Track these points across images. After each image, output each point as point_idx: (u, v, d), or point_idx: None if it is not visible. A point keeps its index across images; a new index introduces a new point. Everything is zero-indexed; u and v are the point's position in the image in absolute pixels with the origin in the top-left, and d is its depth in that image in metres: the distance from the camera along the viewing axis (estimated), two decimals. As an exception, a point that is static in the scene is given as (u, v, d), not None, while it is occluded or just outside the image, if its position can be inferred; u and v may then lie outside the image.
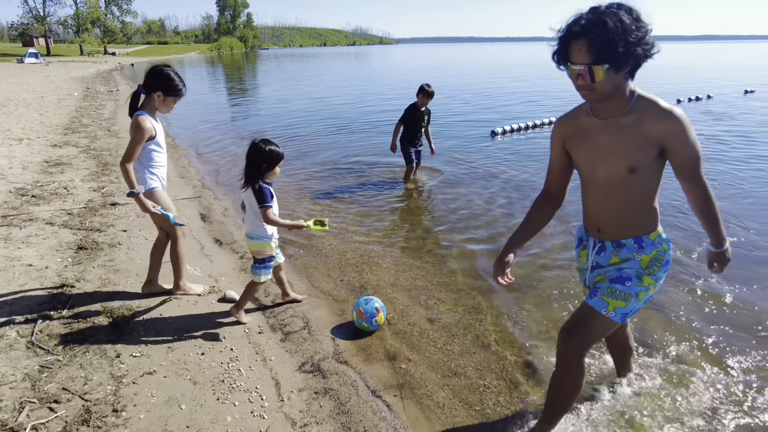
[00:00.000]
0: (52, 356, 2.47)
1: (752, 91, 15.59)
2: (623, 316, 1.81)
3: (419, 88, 5.76)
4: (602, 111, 1.73)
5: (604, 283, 1.86)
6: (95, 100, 14.33)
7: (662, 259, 1.83)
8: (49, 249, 3.74)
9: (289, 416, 2.20)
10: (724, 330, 2.93)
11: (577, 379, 1.91)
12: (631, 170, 1.71)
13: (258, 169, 2.68)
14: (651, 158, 1.68)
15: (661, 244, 1.84)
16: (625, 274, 1.83)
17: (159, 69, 2.79)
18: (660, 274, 1.84)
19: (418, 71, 32.00)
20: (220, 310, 3.07)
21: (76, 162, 6.61)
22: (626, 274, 1.83)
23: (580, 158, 1.86)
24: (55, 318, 2.82)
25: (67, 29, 64.01)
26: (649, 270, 1.82)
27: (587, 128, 1.79)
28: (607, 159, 1.75)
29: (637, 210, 1.81)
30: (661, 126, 1.63)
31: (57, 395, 2.20)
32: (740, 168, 6.58)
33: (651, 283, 1.82)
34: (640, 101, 1.68)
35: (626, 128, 1.68)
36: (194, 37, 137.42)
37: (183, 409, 2.19)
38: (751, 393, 2.40)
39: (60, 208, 4.68)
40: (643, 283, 1.81)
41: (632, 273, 1.82)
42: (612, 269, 1.88)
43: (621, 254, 1.86)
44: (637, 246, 1.82)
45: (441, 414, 2.29)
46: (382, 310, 2.94)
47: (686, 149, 1.65)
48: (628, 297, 1.79)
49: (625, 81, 1.64)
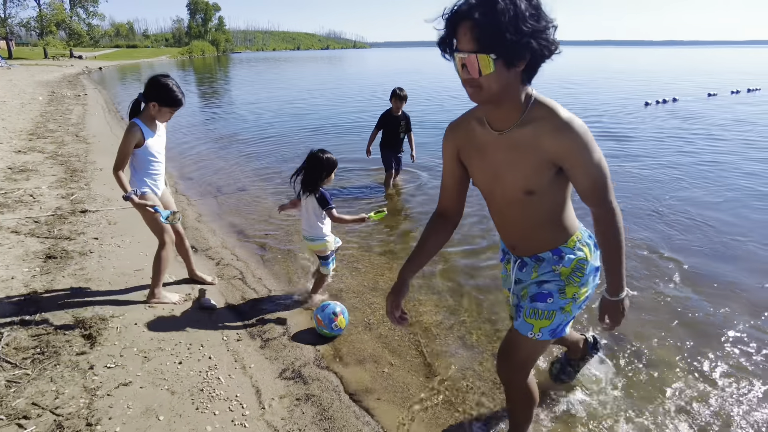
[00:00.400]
0: (19, 370, 2.37)
1: (715, 95, 16.19)
2: (552, 333, 1.69)
3: (392, 92, 5.64)
4: (496, 119, 1.49)
5: (525, 303, 1.73)
6: (61, 104, 13.88)
7: (583, 269, 1.66)
8: (15, 258, 3.60)
9: (271, 424, 2.17)
10: (693, 329, 3.03)
11: (525, 398, 1.85)
12: (528, 193, 1.51)
13: (319, 177, 2.99)
14: (549, 178, 1.48)
15: (582, 249, 1.67)
16: (545, 290, 1.68)
17: (157, 79, 2.84)
18: (586, 279, 1.68)
19: (393, 75, 32.12)
20: (196, 318, 3.00)
21: (42, 168, 6.39)
22: (546, 289, 1.68)
23: (475, 174, 1.66)
24: (23, 330, 2.71)
25: (29, 31, 61.87)
26: (569, 281, 1.66)
27: (482, 141, 1.55)
28: (502, 179, 1.55)
29: (544, 228, 1.64)
30: (557, 142, 1.40)
31: (26, 411, 2.11)
32: (703, 163, 6.82)
33: (576, 291, 1.67)
34: (537, 109, 1.44)
35: (521, 144, 1.45)
36: (165, 41, 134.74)
37: (161, 420, 2.13)
38: (721, 393, 2.48)
39: (26, 216, 4.51)
40: (567, 295, 1.66)
41: (553, 288, 1.67)
42: (533, 285, 1.73)
43: (541, 268, 1.70)
44: (557, 257, 1.66)
45: (424, 416, 2.29)
46: (342, 313, 2.88)
47: (587, 169, 1.42)
48: (552, 314, 1.66)
49: (518, 82, 1.39)
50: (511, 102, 1.43)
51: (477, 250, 4.16)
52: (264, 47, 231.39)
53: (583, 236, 1.70)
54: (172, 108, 2.89)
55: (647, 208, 5.13)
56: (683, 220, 4.75)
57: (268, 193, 5.90)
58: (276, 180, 6.49)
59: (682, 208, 5.12)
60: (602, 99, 15.26)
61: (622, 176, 6.43)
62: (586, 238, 1.70)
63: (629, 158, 7.44)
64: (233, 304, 3.26)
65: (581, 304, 1.72)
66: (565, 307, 1.67)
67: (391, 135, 5.78)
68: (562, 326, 1.70)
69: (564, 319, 1.68)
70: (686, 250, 4.09)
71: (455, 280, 3.64)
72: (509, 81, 1.36)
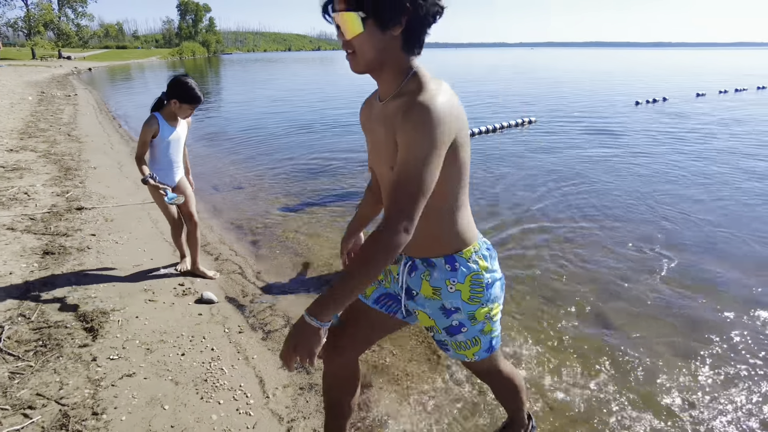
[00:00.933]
0: (22, 362, 2.37)
1: (703, 95, 16.43)
2: (488, 350, 1.56)
3: None
4: (381, 91, 1.35)
5: (442, 337, 1.54)
6: (52, 104, 13.76)
7: (481, 283, 1.46)
8: (12, 255, 3.59)
9: (275, 412, 2.19)
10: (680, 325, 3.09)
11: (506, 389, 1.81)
12: (393, 169, 1.29)
13: None
14: None
15: (477, 263, 1.45)
16: (455, 323, 1.49)
17: (177, 78, 3.10)
18: (490, 294, 1.48)
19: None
20: (197, 312, 3.01)
21: (36, 167, 6.34)
22: (456, 321, 1.48)
23: (369, 152, 1.52)
24: (24, 324, 2.70)
25: (17, 32, 61.24)
26: (473, 301, 1.46)
27: (374, 114, 1.40)
28: (378, 154, 1.41)
29: (430, 224, 1.37)
30: (403, 121, 1.20)
31: (31, 401, 2.11)
32: (693, 159, 6.94)
33: (486, 311, 1.49)
34: (411, 83, 1.28)
35: (388, 117, 1.29)
36: (155, 42, 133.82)
37: (166, 410, 2.14)
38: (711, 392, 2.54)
39: (21, 213, 4.49)
40: (479, 319, 1.48)
41: (462, 317, 1.47)
42: (438, 313, 1.49)
43: (433, 280, 1.46)
44: (450, 268, 1.44)
45: (425, 403, 2.32)
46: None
47: (402, 159, 1.19)
48: (476, 340, 1.52)
49: (397, 50, 1.25)
50: (390, 72, 1.29)
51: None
52: (255, 48, 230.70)
53: (481, 248, 1.49)
54: (192, 105, 3.14)
55: (638, 203, 5.22)
56: (674, 215, 4.84)
57: (263, 190, 5.91)
58: (268, 176, 6.50)
59: (671, 203, 5.21)
60: (593, 99, 15.43)
61: (613, 172, 6.52)
62: (483, 250, 1.49)
63: (620, 154, 7.55)
64: (233, 297, 3.27)
65: (497, 320, 1.56)
66: (485, 329, 1.51)
67: None
68: (493, 342, 1.57)
69: (491, 336, 1.55)
70: (678, 244, 4.17)
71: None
72: (385, 46, 1.23)
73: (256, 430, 2.07)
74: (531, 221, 4.72)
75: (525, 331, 2.91)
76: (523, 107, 13.58)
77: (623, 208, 5.06)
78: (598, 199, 5.41)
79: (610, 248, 4.07)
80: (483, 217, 4.82)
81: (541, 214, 4.92)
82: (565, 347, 2.77)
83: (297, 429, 2.09)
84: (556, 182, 6.09)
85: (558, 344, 2.80)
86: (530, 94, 17.91)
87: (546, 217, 4.86)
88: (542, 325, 2.99)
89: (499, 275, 1.54)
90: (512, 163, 7.12)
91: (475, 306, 1.46)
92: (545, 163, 7.17)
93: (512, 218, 4.82)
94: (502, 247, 4.10)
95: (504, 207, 5.16)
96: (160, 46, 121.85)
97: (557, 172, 6.62)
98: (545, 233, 4.43)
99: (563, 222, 4.71)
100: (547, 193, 5.63)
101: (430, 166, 1.17)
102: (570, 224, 4.65)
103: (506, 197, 5.51)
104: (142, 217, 4.65)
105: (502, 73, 33.12)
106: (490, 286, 1.48)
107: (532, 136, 9.45)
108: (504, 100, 15.87)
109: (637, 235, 4.33)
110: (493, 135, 9.65)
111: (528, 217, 4.86)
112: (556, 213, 4.97)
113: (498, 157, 7.58)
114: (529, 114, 11.53)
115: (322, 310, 1.20)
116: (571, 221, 4.73)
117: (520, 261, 3.87)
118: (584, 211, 5.00)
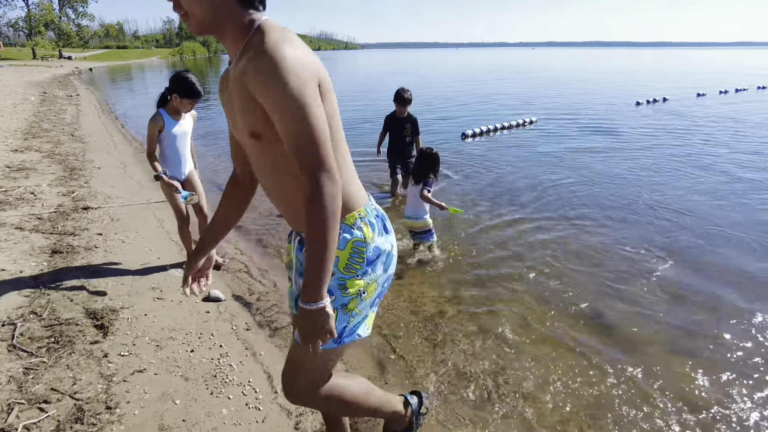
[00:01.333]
0: (36, 358, 2.42)
1: (704, 94, 16.47)
2: (336, 339, 1.35)
3: (395, 94, 5.26)
4: (229, 53, 1.26)
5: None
6: (54, 104, 13.81)
7: (362, 254, 1.34)
8: (22, 253, 3.64)
9: (284, 407, 2.24)
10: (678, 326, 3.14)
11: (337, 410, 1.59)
12: (254, 136, 1.24)
13: (432, 170, 3.92)
14: (270, 120, 1.18)
15: (361, 229, 1.35)
16: None
17: (178, 74, 3.20)
18: (369, 267, 1.36)
19: (379, 75, 32.20)
20: (205, 310, 3.06)
21: (41, 167, 6.39)
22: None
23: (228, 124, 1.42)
24: (36, 321, 2.75)
25: (17, 32, 61.23)
26: (349, 270, 1.33)
27: (229, 81, 1.30)
28: (235, 120, 1.30)
29: (300, 187, 1.21)
30: (253, 75, 1.12)
31: (46, 396, 2.16)
32: (693, 157, 6.98)
33: (361, 285, 1.35)
34: (255, 37, 1.18)
35: (238, 78, 1.19)
36: (155, 42, 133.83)
37: (177, 404, 2.19)
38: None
39: (28, 212, 4.53)
40: (350, 290, 1.34)
41: (333, 283, 1.33)
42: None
43: None
44: None
45: (431, 399, 2.37)
46: None
47: (280, 114, 1.11)
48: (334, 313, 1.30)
49: (232, 5, 1.18)
50: (232, 32, 1.21)
51: (482, 247, 4.25)
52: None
53: (369, 214, 1.38)
54: (192, 99, 3.23)
55: (637, 203, 5.26)
56: (674, 215, 4.89)
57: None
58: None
59: (671, 203, 5.26)
60: (593, 99, 15.48)
61: (614, 172, 6.56)
62: (371, 217, 1.39)
63: (621, 154, 7.60)
64: (240, 295, 3.32)
65: (373, 301, 1.42)
66: (349, 305, 1.35)
67: (395, 139, 5.45)
68: (348, 330, 1.38)
69: (349, 320, 1.36)
70: (678, 243, 4.22)
71: (456, 273, 3.73)
72: (219, 4, 1.17)
73: (265, 424, 2.12)
74: (531, 220, 4.77)
75: (522, 330, 2.96)
76: (524, 107, 13.63)
77: (623, 209, 5.11)
78: (599, 199, 5.46)
79: (609, 247, 4.12)
80: (483, 216, 4.88)
81: (541, 214, 4.96)
82: (562, 346, 2.82)
83: (305, 423, 2.14)
84: (557, 182, 6.14)
85: (556, 343, 2.84)
86: (530, 94, 17.95)
87: (546, 216, 4.91)
88: (540, 323, 3.04)
89: (387, 251, 1.41)
90: (512, 163, 7.17)
91: (349, 276, 1.34)
92: (545, 163, 7.22)
93: (512, 218, 4.87)
94: (501, 246, 4.15)
95: (504, 207, 5.21)
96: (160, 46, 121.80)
97: (558, 171, 6.66)
98: (544, 232, 4.48)
99: (563, 221, 4.76)
100: (547, 193, 5.68)
101: (310, 105, 1.11)
102: (570, 224, 4.70)
103: (506, 197, 5.56)
104: (148, 216, 4.70)
105: (502, 73, 33.16)
106: (372, 256, 1.37)
107: (533, 136, 9.50)
108: (504, 100, 15.92)
109: (636, 235, 4.37)
110: (494, 135, 9.69)
111: (528, 216, 4.91)
112: (556, 212, 5.01)
113: (498, 156, 7.63)
114: (529, 114, 11.57)
115: (313, 292, 1.18)
116: (571, 221, 4.78)
117: (519, 259, 3.92)
118: (584, 211, 5.04)
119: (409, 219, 4.00)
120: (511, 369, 2.60)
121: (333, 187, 1.12)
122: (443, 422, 2.23)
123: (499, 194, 5.65)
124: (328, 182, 1.12)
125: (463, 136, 9.33)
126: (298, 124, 1.10)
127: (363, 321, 1.42)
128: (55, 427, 1.99)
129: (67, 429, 1.99)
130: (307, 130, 1.11)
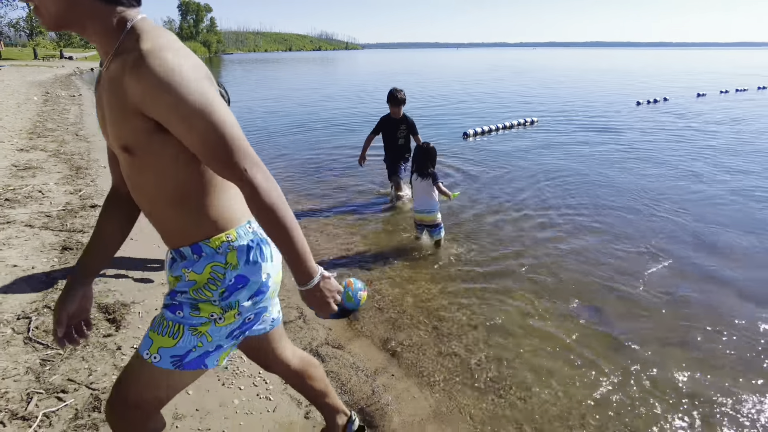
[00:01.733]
0: (51, 350, 2.49)
1: (704, 95, 16.54)
2: (175, 361, 1.23)
3: (388, 95, 5.14)
4: (100, 54, 1.12)
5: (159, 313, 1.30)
6: (57, 104, 13.89)
7: (218, 280, 1.22)
8: (33, 250, 3.71)
9: (294, 397, 2.31)
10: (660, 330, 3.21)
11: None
12: (125, 149, 1.12)
13: (432, 164, 4.10)
14: (147, 133, 1.08)
15: (226, 255, 1.23)
16: (177, 301, 1.25)
17: None
18: (228, 296, 1.24)
19: (378, 75, 32.28)
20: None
21: (47, 166, 6.46)
22: (179, 300, 1.25)
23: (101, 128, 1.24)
24: (49, 315, 2.82)
25: (19, 32, 61.44)
26: (200, 294, 1.23)
27: (101, 83, 1.16)
28: (107, 128, 1.17)
29: (172, 207, 1.20)
30: (134, 82, 1.01)
31: (63, 386, 2.23)
32: (694, 157, 7.05)
33: (217, 312, 1.23)
34: (128, 38, 1.06)
35: (111, 83, 1.07)
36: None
37: (190, 395, 2.26)
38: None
39: (37, 210, 4.60)
40: (201, 313, 1.23)
41: (185, 299, 1.24)
42: (167, 299, 1.29)
43: (175, 270, 1.29)
44: (196, 256, 1.24)
45: (435, 391, 2.44)
46: (366, 291, 3.21)
47: (184, 121, 1.02)
48: (178, 330, 1.22)
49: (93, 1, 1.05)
50: (95, 29, 1.08)
51: (484, 246, 4.32)
52: (256, 48, 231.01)
53: (240, 238, 1.26)
54: None
55: (637, 202, 5.33)
56: (674, 215, 4.95)
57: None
58: (273, 172, 6.61)
59: (671, 202, 5.33)
60: (594, 99, 15.54)
61: (614, 172, 6.63)
62: (243, 241, 1.26)
63: (621, 155, 7.67)
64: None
65: (231, 332, 1.28)
66: (200, 327, 1.23)
67: (389, 141, 5.31)
68: (194, 356, 1.24)
69: (197, 344, 1.23)
70: (677, 243, 4.29)
71: (461, 268, 3.79)
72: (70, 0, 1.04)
73: (276, 413, 2.19)
74: (532, 218, 4.84)
75: (522, 326, 3.02)
76: (525, 107, 13.70)
77: (623, 208, 5.17)
78: (599, 198, 5.53)
79: (609, 246, 4.18)
80: (483, 216, 4.94)
81: (542, 213, 5.03)
82: (560, 344, 2.88)
83: (315, 412, 2.20)
84: (557, 181, 6.21)
85: (554, 342, 2.91)
86: (531, 94, 18.01)
87: (546, 216, 4.97)
88: (540, 319, 3.10)
89: (261, 282, 1.28)
90: (513, 163, 7.24)
91: (202, 299, 1.23)
92: (546, 163, 7.29)
93: (512, 217, 4.94)
94: (501, 245, 4.22)
95: (505, 205, 5.28)
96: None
97: (558, 171, 6.73)
98: (545, 230, 4.54)
99: (564, 220, 4.82)
100: (547, 192, 5.75)
101: (217, 103, 1.05)
102: (570, 222, 4.76)
103: (507, 196, 5.63)
104: (155, 214, 4.76)
105: (502, 72, 33.23)
106: (236, 288, 1.24)
107: (534, 136, 9.56)
108: (505, 100, 15.98)
109: (636, 234, 4.44)
110: (495, 135, 9.76)
111: (529, 215, 4.98)
112: (556, 211, 5.08)
113: (499, 156, 7.70)
114: (530, 114, 11.64)
115: (302, 275, 1.18)
116: (571, 219, 4.84)
117: (519, 257, 3.98)
118: (584, 211, 5.11)
119: (420, 213, 4.13)
120: (511, 364, 2.66)
121: (264, 174, 1.09)
122: (445, 414, 2.30)
123: (500, 193, 5.72)
124: (259, 174, 1.08)
125: (464, 135, 9.40)
126: (208, 123, 1.03)
127: (215, 352, 1.27)
128: (73, 416, 2.06)
129: (85, 417, 2.05)
130: (221, 127, 1.04)
